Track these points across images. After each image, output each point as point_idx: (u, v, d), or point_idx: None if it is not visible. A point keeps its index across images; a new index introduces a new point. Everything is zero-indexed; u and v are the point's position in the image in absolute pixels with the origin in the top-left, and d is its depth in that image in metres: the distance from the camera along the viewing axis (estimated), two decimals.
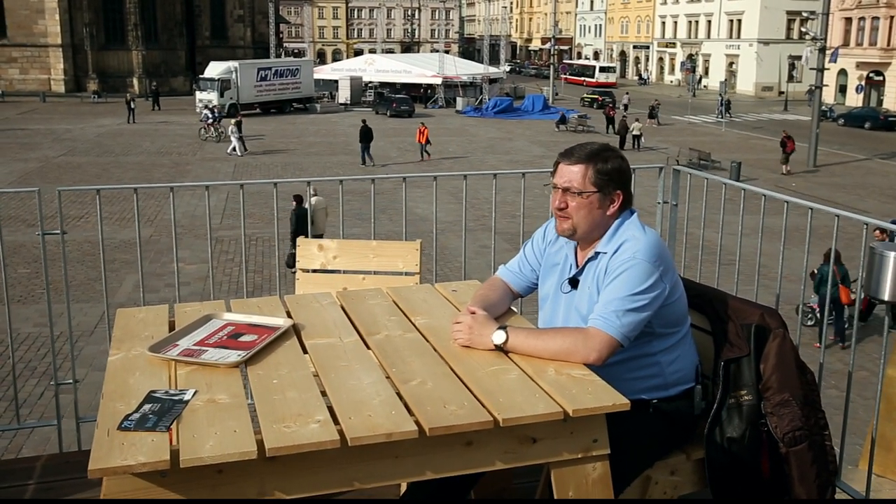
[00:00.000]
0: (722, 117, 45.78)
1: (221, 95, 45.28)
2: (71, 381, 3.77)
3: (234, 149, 32.08)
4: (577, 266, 2.59)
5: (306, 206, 17.69)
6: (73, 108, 49.75)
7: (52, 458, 3.43)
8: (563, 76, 69.87)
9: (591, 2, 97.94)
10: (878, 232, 11.92)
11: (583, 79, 74.19)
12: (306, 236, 15.66)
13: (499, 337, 2.34)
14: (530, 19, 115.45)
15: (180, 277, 15.58)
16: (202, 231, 18.27)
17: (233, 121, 33.56)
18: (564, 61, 78.43)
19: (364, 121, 31.70)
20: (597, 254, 2.52)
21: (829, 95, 51.62)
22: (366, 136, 29.99)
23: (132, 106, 42.61)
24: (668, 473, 2.57)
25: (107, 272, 14.48)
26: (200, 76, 48.55)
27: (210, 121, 36.48)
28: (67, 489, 3.12)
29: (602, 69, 75.53)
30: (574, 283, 2.58)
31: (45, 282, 3.46)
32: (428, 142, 32.00)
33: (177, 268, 3.83)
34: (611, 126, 41.24)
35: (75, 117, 44.14)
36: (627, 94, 57.21)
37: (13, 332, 12.62)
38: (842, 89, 58.04)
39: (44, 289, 12.99)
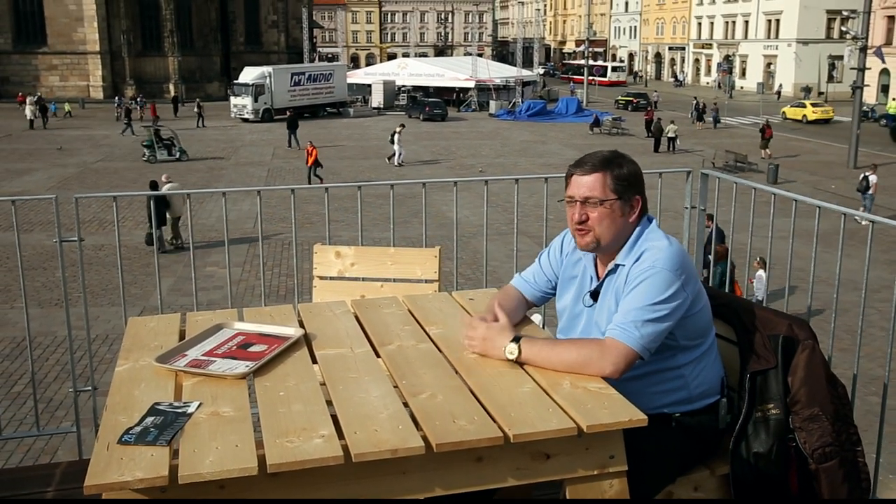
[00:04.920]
0: (695, 122, 45.18)
1: (255, 100, 45.78)
2: (90, 387, 3.76)
3: (396, 155, 30.52)
4: (598, 279, 2.51)
5: (162, 191, 19.23)
6: (111, 113, 50.54)
7: (72, 465, 3.43)
8: (562, 76, 70.42)
9: (626, 3, 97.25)
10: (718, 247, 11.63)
11: (593, 79, 75.03)
12: (161, 218, 16.19)
13: (511, 352, 2.27)
14: (564, 21, 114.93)
15: (214, 281, 15.56)
16: (236, 235, 18.41)
17: (397, 129, 31.60)
18: (565, 62, 78.96)
19: (289, 111, 39.26)
20: (616, 266, 2.42)
21: (870, 96, 50.58)
22: (292, 123, 36.18)
23: (202, 112, 44.30)
24: (692, 489, 2.48)
25: (142, 276, 14.49)
26: (235, 81, 49.08)
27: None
28: (78, 498, 3.11)
29: (614, 69, 77.11)
30: (595, 296, 2.49)
31: (62, 288, 3.46)
32: (318, 164, 26.95)
33: (194, 275, 3.81)
34: (650, 129, 40.07)
35: (113, 123, 44.82)
36: (656, 92, 57.76)
37: (50, 335, 12.84)
38: (884, 89, 56.86)
39: (79, 293, 13.17)
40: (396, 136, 30.85)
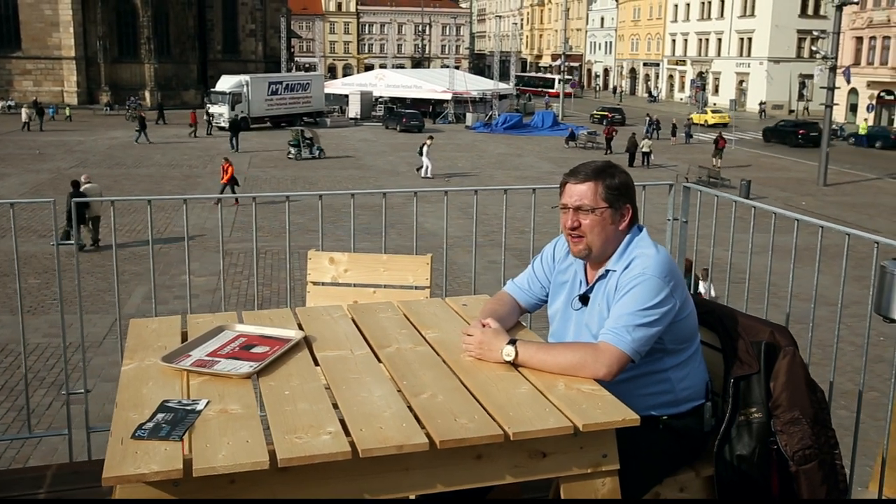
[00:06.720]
0: (651, 137, 45.65)
1: (232, 109, 45.61)
2: (82, 390, 3.78)
3: (424, 167, 30.35)
4: (588, 283, 2.60)
5: (82, 190, 19.57)
6: (85, 119, 50.11)
7: (62, 468, 3.44)
8: (517, 87, 71.56)
9: (602, 19, 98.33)
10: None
11: (541, 89, 77.03)
12: (81, 218, 16.47)
13: (508, 354, 2.35)
14: (541, 36, 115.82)
15: (190, 290, 15.51)
16: (212, 243, 18.35)
17: (427, 141, 31.28)
18: (517, 74, 79.91)
19: (237, 115, 42.14)
20: (607, 272, 2.52)
21: (839, 114, 51.50)
22: (235, 127, 38.56)
23: (211, 121, 44.86)
24: (678, 490, 2.57)
25: (118, 283, 14.41)
26: (212, 90, 48.90)
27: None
28: (76, 499, 3.13)
29: (562, 81, 79.38)
30: (584, 300, 2.58)
31: (58, 292, 3.49)
32: (234, 182, 24.38)
33: (189, 280, 3.85)
34: (608, 148, 40.00)
35: (87, 129, 44.44)
36: (621, 106, 59.88)
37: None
38: (852, 108, 57.94)
39: (54, 299, 13.04)
40: (425, 149, 30.56)
